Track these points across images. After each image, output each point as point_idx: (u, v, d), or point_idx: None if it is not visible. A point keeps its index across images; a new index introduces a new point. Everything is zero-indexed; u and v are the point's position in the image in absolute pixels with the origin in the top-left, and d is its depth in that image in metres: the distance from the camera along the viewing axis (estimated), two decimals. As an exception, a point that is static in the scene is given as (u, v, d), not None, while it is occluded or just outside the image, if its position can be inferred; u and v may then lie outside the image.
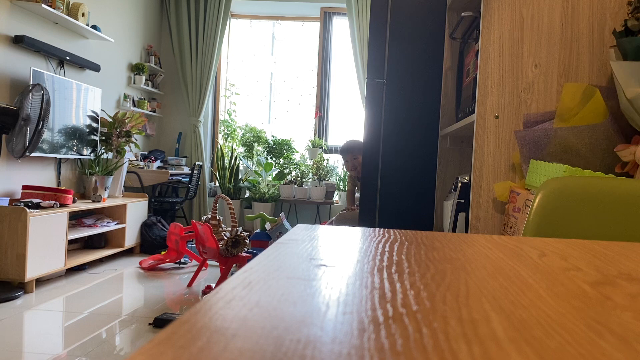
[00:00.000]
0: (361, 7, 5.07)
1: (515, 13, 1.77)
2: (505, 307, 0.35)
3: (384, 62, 2.41)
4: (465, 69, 2.35)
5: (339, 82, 5.58)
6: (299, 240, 0.62)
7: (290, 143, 5.36)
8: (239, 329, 0.28)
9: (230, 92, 5.74)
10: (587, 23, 1.74)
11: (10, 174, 3.23)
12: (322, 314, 0.32)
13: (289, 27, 5.71)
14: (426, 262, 0.51)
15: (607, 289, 0.42)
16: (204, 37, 5.27)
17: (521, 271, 0.48)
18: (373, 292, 0.38)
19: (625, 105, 1.48)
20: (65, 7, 3.65)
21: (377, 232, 0.71)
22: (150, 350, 0.25)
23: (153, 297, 2.92)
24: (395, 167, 2.41)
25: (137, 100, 4.90)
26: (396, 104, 2.41)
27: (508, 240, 0.68)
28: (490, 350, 0.26)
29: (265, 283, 0.40)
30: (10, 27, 3.22)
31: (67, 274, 3.38)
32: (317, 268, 0.46)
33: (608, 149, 1.56)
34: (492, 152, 1.78)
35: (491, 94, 1.78)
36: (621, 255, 0.58)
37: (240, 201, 5.26)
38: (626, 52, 1.55)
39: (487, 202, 1.79)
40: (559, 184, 0.99)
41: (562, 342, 0.28)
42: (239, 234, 3.03)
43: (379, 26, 2.42)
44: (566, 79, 1.75)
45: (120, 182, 4.13)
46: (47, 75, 3.35)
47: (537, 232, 0.97)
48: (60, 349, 2.08)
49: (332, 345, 0.26)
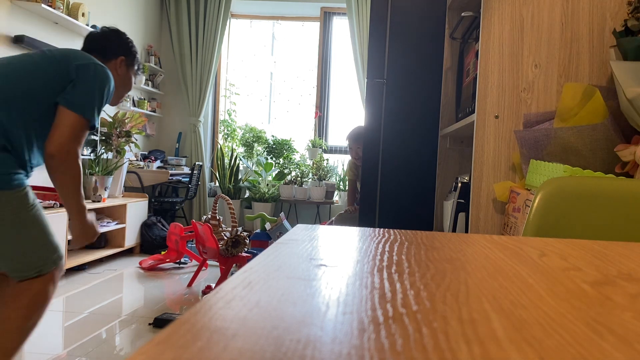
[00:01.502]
0: (361, 7, 5.07)
1: (515, 13, 1.77)
2: (505, 307, 0.35)
3: (384, 62, 2.42)
4: (465, 69, 2.35)
5: (339, 82, 5.58)
6: (299, 240, 0.62)
7: (290, 143, 5.36)
8: (239, 329, 0.28)
9: (230, 92, 5.74)
10: (587, 23, 1.74)
11: (10, 174, 3.23)
12: (322, 314, 0.32)
13: (289, 27, 5.71)
14: (426, 262, 0.51)
15: (607, 289, 0.42)
16: (204, 37, 5.27)
17: (521, 271, 0.48)
18: (373, 292, 0.38)
19: (625, 105, 1.48)
20: (65, 7, 3.65)
21: (377, 232, 0.71)
22: (150, 350, 0.25)
23: (153, 297, 2.92)
24: (395, 167, 2.41)
25: (137, 100, 4.90)
26: (396, 104, 2.41)
27: (508, 240, 0.68)
28: (490, 350, 0.26)
29: (265, 283, 0.40)
30: (10, 27, 3.22)
31: (67, 274, 3.38)
32: (317, 268, 0.46)
33: (608, 149, 1.56)
34: (492, 152, 1.79)
35: (491, 94, 1.78)
36: (621, 255, 0.58)
37: (240, 201, 5.26)
38: (626, 52, 1.55)
39: (487, 202, 1.79)
40: (559, 184, 0.99)
41: (562, 342, 0.28)
42: (239, 234, 3.03)
43: (379, 26, 2.42)
44: (566, 79, 1.75)
45: (120, 182, 4.13)
46: (47, 75, 3.35)
47: (537, 232, 0.97)
48: (60, 349, 2.08)
49: (332, 345, 0.26)
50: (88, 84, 1.61)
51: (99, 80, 1.64)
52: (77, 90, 1.58)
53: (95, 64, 1.65)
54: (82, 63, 1.63)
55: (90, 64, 1.64)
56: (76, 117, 1.55)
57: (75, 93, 1.58)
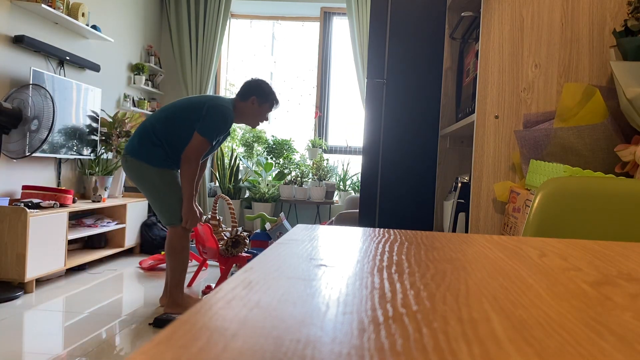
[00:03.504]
0: (361, 7, 5.07)
1: (515, 13, 1.77)
2: (505, 307, 0.35)
3: (384, 62, 2.41)
4: (465, 69, 2.35)
5: (339, 82, 5.58)
6: (299, 240, 0.62)
7: (290, 143, 5.36)
8: (239, 329, 0.28)
9: (230, 92, 5.74)
10: (587, 23, 1.74)
11: (10, 174, 3.23)
12: (322, 314, 0.32)
13: (289, 27, 5.71)
14: (426, 262, 0.51)
15: (607, 289, 0.42)
16: (204, 37, 5.28)
17: (521, 271, 0.48)
18: (373, 292, 0.38)
19: (625, 105, 1.48)
20: (65, 7, 3.65)
21: (377, 232, 0.71)
22: (150, 350, 0.25)
23: (153, 297, 2.92)
24: (396, 167, 2.41)
25: (137, 100, 4.90)
26: (396, 104, 2.41)
27: (508, 240, 0.68)
28: (490, 350, 0.26)
29: (265, 283, 0.40)
30: (10, 27, 3.22)
31: (67, 274, 3.38)
32: (317, 268, 0.46)
33: (608, 149, 1.56)
34: (492, 152, 1.78)
35: (491, 94, 1.78)
36: (621, 255, 0.58)
37: (240, 201, 5.26)
38: (626, 52, 1.55)
39: (487, 202, 1.79)
40: (559, 184, 0.99)
41: (562, 342, 0.28)
42: (239, 234, 3.03)
43: (379, 26, 2.42)
44: (566, 79, 1.75)
45: (120, 182, 4.13)
46: (47, 75, 3.35)
47: (537, 232, 0.97)
48: (60, 349, 2.08)
49: (332, 345, 0.26)
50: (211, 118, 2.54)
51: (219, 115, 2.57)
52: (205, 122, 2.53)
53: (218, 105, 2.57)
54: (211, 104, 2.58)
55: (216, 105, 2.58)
56: (200, 138, 2.51)
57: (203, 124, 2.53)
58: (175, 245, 2.56)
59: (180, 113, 2.56)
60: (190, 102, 2.59)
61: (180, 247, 2.57)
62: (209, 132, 2.49)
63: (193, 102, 2.59)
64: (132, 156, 2.53)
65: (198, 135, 2.49)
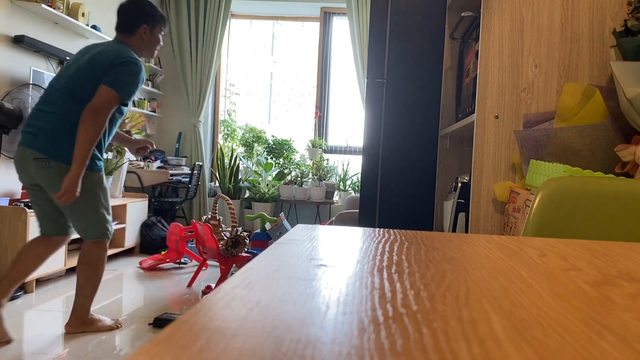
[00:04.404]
0: (361, 7, 5.07)
1: (515, 13, 1.77)
2: (505, 307, 0.35)
3: (384, 62, 2.42)
4: (465, 69, 2.35)
5: (339, 82, 5.58)
6: (299, 240, 0.62)
7: (290, 143, 5.36)
8: (239, 329, 0.28)
9: (230, 92, 5.74)
10: (587, 23, 1.74)
11: (10, 174, 3.23)
12: (322, 314, 0.32)
13: (289, 27, 5.71)
14: (426, 262, 0.51)
15: (607, 289, 0.42)
16: (204, 37, 5.27)
17: (521, 271, 0.48)
18: (373, 292, 0.38)
19: (625, 105, 1.48)
20: (65, 7, 3.65)
21: (377, 232, 0.71)
22: (150, 350, 0.25)
23: (153, 297, 2.92)
24: (395, 167, 2.41)
25: (137, 100, 4.90)
26: (396, 104, 2.41)
27: (508, 240, 0.68)
28: (490, 350, 0.26)
29: (265, 283, 0.40)
30: (10, 27, 3.22)
31: (67, 274, 3.38)
32: (317, 268, 0.46)
33: (608, 149, 1.56)
34: (492, 152, 1.79)
35: (491, 94, 1.78)
36: (621, 255, 0.58)
37: (240, 201, 5.26)
38: (626, 52, 1.55)
39: (487, 202, 1.79)
40: (559, 184, 0.99)
41: (562, 342, 0.28)
42: (239, 234, 3.03)
43: (379, 26, 2.42)
44: (566, 79, 1.75)
45: (120, 182, 4.13)
46: (47, 75, 3.35)
47: (537, 232, 0.97)
48: (60, 349, 2.08)
49: (332, 345, 0.26)
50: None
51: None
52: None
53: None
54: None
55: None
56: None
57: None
58: (90, 259, 2.24)
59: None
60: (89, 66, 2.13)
61: (95, 261, 2.24)
62: (122, 88, 2.09)
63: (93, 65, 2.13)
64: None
65: (106, 87, 2.05)
